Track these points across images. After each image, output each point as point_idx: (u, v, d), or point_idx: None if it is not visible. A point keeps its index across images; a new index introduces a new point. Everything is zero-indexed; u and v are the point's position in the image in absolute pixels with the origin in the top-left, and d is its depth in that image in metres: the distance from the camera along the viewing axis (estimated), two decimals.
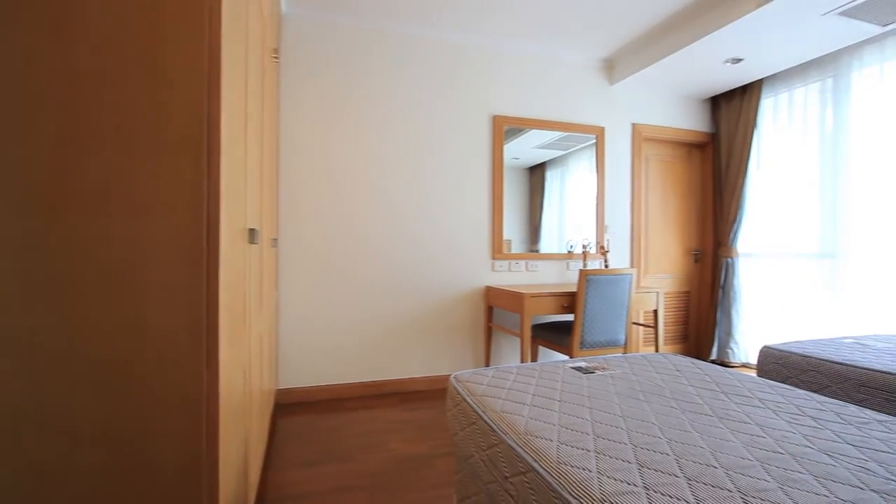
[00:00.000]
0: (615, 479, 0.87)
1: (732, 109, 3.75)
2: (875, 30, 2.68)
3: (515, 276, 3.42)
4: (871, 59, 2.85)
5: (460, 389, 1.48)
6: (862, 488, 0.88)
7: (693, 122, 3.99)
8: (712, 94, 3.90)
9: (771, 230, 3.54)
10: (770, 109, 3.49)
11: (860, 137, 2.92)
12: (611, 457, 0.97)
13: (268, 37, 1.86)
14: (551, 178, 3.58)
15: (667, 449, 1.01)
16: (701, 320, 4.07)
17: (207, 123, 0.85)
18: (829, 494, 0.85)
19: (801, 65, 3.24)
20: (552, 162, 3.58)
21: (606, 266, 3.50)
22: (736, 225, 3.69)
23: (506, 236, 3.42)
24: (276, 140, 2.72)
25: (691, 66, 3.27)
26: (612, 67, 3.64)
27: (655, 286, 3.85)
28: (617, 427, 1.13)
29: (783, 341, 2.28)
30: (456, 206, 3.24)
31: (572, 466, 0.93)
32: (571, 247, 3.59)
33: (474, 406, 1.34)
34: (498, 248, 3.34)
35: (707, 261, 4.05)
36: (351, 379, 2.99)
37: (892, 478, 0.93)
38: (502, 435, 1.13)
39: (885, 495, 0.85)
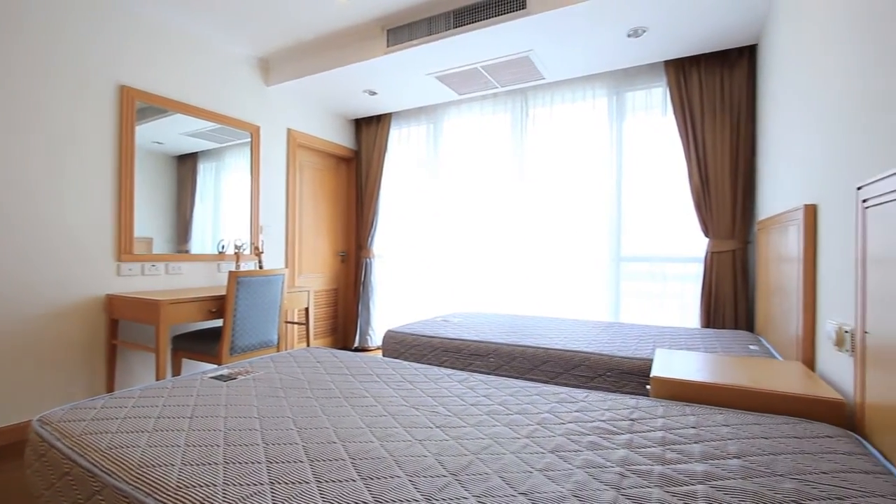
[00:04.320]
0: (241, 485, 0.88)
1: (371, 132, 4.44)
2: (456, 96, 3.76)
3: (152, 281, 2.90)
4: (453, 114, 3.98)
5: (47, 435, 1.13)
6: (431, 427, 1.21)
7: (342, 138, 4.47)
8: (357, 117, 4.49)
9: (396, 235, 4.39)
10: (396, 139, 4.33)
11: (447, 169, 4.04)
12: (241, 462, 0.97)
13: None
14: (205, 172, 3.23)
15: (297, 438, 1.10)
16: (347, 313, 4.62)
17: None
18: (412, 439, 1.13)
19: (416, 108, 4.18)
20: (206, 154, 3.24)
21: (261, 267, 3.46)
22: (372, 230, 4.38)
23: (144, 234, 2.85)
24: None
25: (338, 88, 3.66)
26: (269, 69, 3.63)
27: (308, 285, 4.10)
28: (252, 430, 1.14)
29: (402, 324, 2.88)
30: (60, 195, 2.45)
31: (194, 486, 0.87)
32: (223, 247, 3.35)
33: (68, 451, 1.06)
34: (127, 248, 2.74)
35: (351, 261, 4.63)
36: None
37: (450, 415, 1.32)
38: (107, 477, 0.94)
39: (443, 428, 1.21)
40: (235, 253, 3.32)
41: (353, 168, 4.61)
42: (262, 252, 3.45)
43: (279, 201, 3.82)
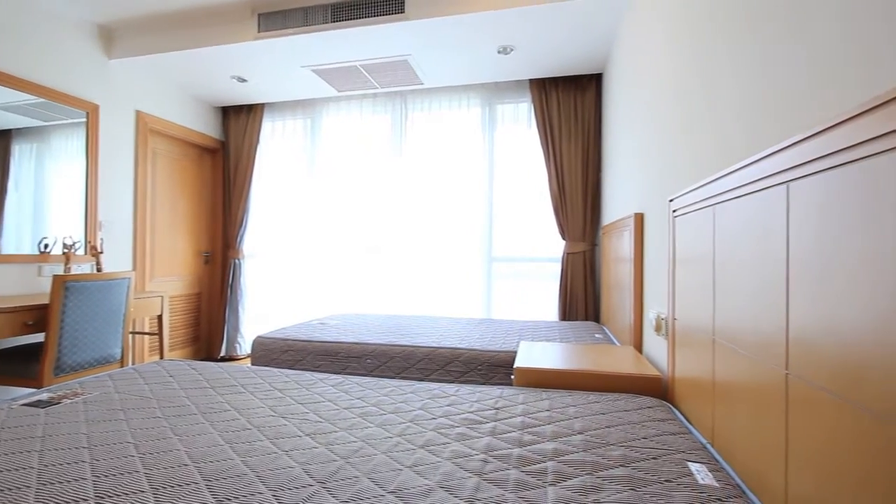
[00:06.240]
0: None
1: (241, 123, 4.09)
2: (335, 92, 3.66)
3: None
4: (332, 111, 3.87)
5: None
6: (300, 436, 1.17)
7: (206, 126, 4.03)
8: (224, 105, 4.09)
9: (270, 235, 4.11)
10: (270, 131, 4.06)
11: (325, 167, 3.91)
12: (58, 503, 0.82)
13: None
14: (22, 154, 2.66)
15: (138, 465, 0.97)
16: (212, 320, 4.19)
17: None
18: (277, 450, 1.07)
19: (293, 101, 3.96)
20: (24, 133, 2.66)
21: (99, 269, 2.96)
22: (242, 229, 4.04)
23: None
24: None
25: (201, 71, 3.30)
26: (112, 39, 3.12)
27: (162, 290, 3.62)
28: (78, 462, 0.97)
29: (274, 329, 2.70)
30: None
31: None
32: (46, 246, 2.80)
33: None
34: None
35: (217, 262, 4.21)
36: None
37: (321, 420, 1.28)
38: None
39: (313, 435, 1.17)
40: (65, 253, 2.79)
41: (220, 160, 4.20)
42: (101, 252, 2.95)
43: (125, 193, 3.31)
